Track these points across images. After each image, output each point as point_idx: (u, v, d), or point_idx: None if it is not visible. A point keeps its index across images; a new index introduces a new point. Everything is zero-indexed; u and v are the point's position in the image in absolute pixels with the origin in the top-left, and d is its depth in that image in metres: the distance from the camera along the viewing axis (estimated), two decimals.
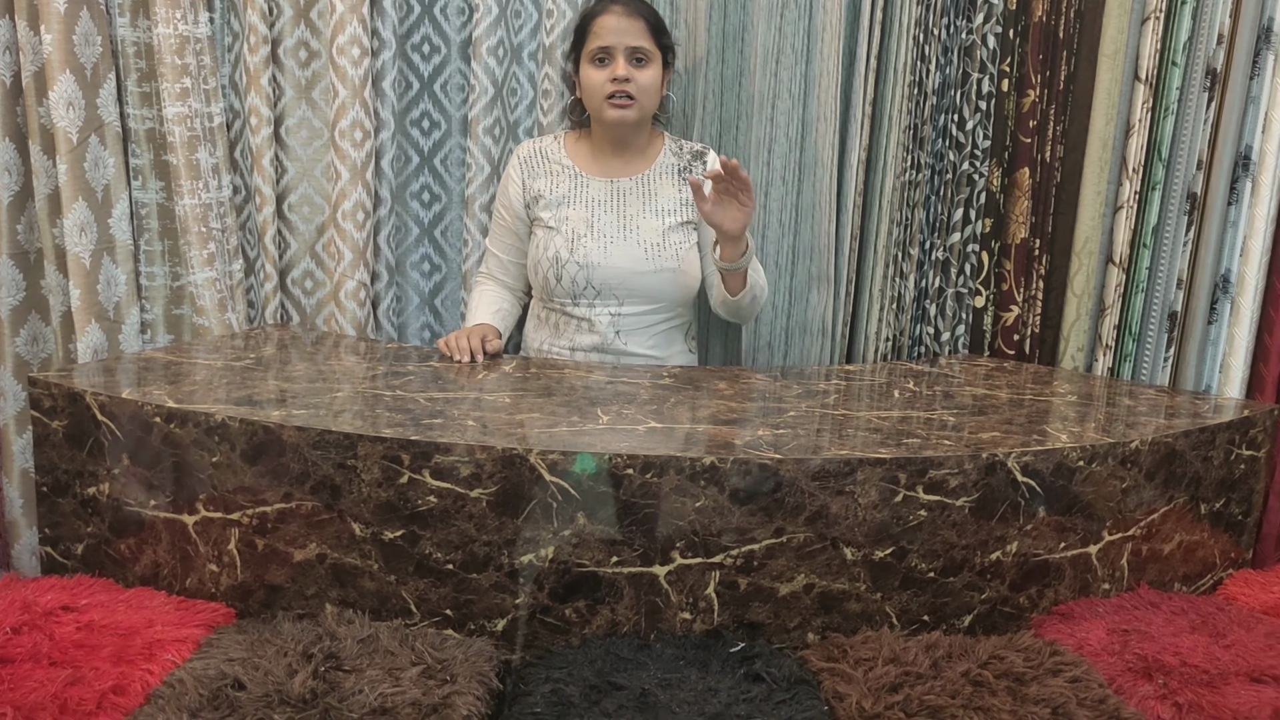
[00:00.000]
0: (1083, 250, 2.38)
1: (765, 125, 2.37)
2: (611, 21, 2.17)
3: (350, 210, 2.40)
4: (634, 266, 2.21)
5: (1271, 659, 1.68)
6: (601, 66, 2.18)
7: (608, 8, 2.18)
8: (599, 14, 2.19)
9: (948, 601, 1.73)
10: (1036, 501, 1.74)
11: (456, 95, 2.50)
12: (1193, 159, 2.30)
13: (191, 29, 2.26)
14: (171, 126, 2.25)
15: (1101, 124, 2.32)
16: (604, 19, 2.17)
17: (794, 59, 2.35)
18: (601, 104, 2.18)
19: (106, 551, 1.79)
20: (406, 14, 2.44)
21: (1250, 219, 2.30)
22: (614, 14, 2.17)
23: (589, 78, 2.20)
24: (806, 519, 1.64)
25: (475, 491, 1.60)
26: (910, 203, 2.38)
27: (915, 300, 2.45)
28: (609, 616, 1.65)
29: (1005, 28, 2.32)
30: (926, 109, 2.34)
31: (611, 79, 2.16)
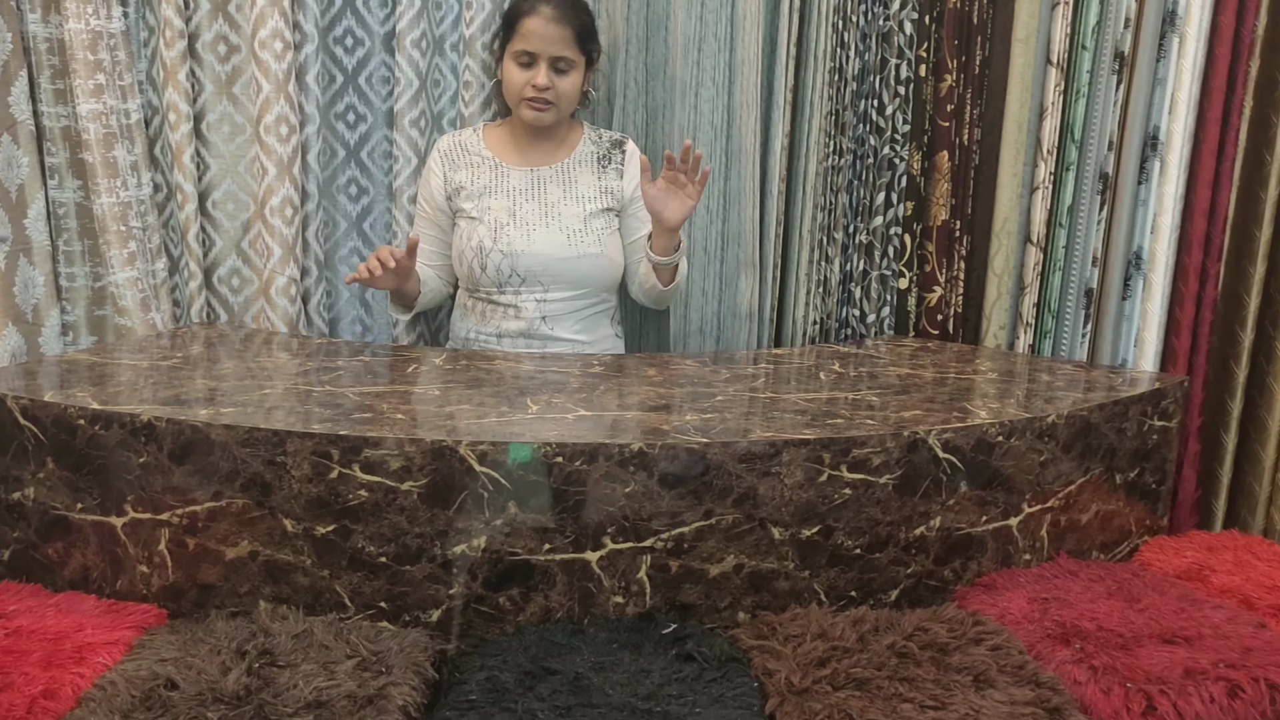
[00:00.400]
0: (1002, 231, 2.44)
1: (689, 113, 2.40)
2: (539, 26, 2.17)
3: (279, 206, 2.38)
4: (557, 253, 2.23)
5: (1182, 621, 1.76)
6: (524, 69, 2.19)
7: (538, 8, 2.18)
8: (528, 13, 2.18)
9: (874, 577, 1.78)
10: (958, 477, 1.79)
11: (381, 88, 2.49)
12: (1104, 140, 2.37)
13: (104, 24, 2.23)
14: (86, 124, 2.22)
15: (1016, 107, 2.38)
16: (533, 20, 2.17)
17: (717, 47, 2.37)
18: (520, 103, 2.20)
19: (33, 556, 1.77)
20: (328, 6, 2.42)
21: (1159, 197, 2.37)
22: (543, 17, 2.17)
23: (511, 75, 2.21)
24: (734, 501, 1.67)
25: (406, 484, 1.61)
26: (833, 188, 2.43)
27: (841, 283, 2.49)
28: (543, 603, 1.67)
29: (921, 14, 2.37)
30: (847, 95, 2.39)
31: (532, 84, 2.17)
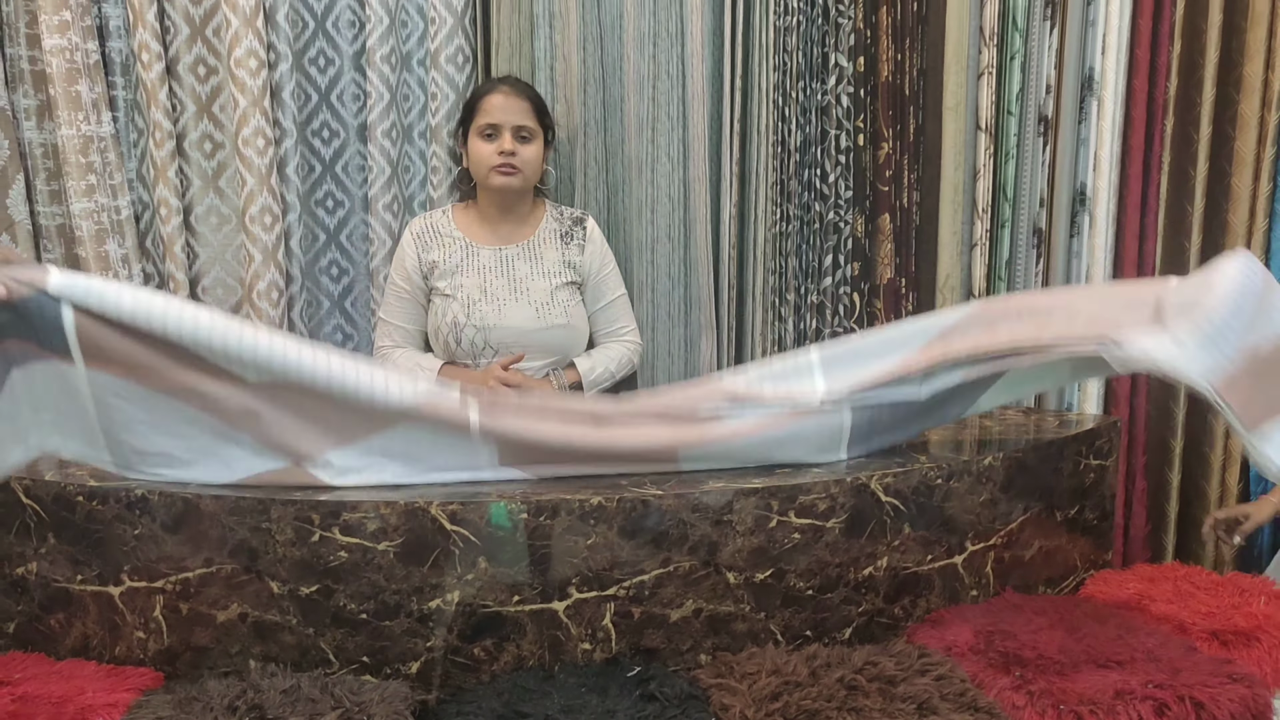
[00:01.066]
0: (945, 286, 2.59)
1: (647, 188, 2.57)
2: (500, 100, 2.37)
3: (265, 290, 2.53)
4: (526, 325, 2.38)
5: (1118, 647, 1.87)
6: (490, 140, 2.37)
7: (496, 88, 2.39)
8: (488, 93, 2.39)
9: (827, 616, 1.89)
10: (902, 519, 1.91)
11: (357, 175, 2.66)
12: (1035, 197, 2.54)
13: (95, 129, 2.40)
14: (79, 221, 2.38)
15: (951, 170, 2.55)
16: (493, 98, 2.38)
17: (669, 125, 2.55)
18: (489, 173, 2.37)
19: (37, 628, 1.88)
20: (305, 103, 2.60)
21: (1091, 249, 2.53)
22: (502, 94, 2.38)
23: (478, 150, 2.38)
24: (690, 548, 1.79)
25: (382, 545, 1.73)
26: (783, 252, 2.59)
27: (795, 342, 2.64)
28: (515, 652, 1.78)
29: (856, 87, 2.54)
30: (791, 165, 2.56)
31: (499, 152, 2.35)
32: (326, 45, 2.60)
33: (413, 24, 2.60)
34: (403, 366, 2.45)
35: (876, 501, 1.89)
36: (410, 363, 2.45)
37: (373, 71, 2.54)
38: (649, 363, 2.61)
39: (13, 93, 2.38)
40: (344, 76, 2.61)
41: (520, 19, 2.56)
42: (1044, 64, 2.49)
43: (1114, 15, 2.45)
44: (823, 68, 2.55)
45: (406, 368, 2.44)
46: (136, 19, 2.42)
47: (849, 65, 2.54)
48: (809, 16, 2.53)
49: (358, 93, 2.62)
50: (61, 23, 2.31)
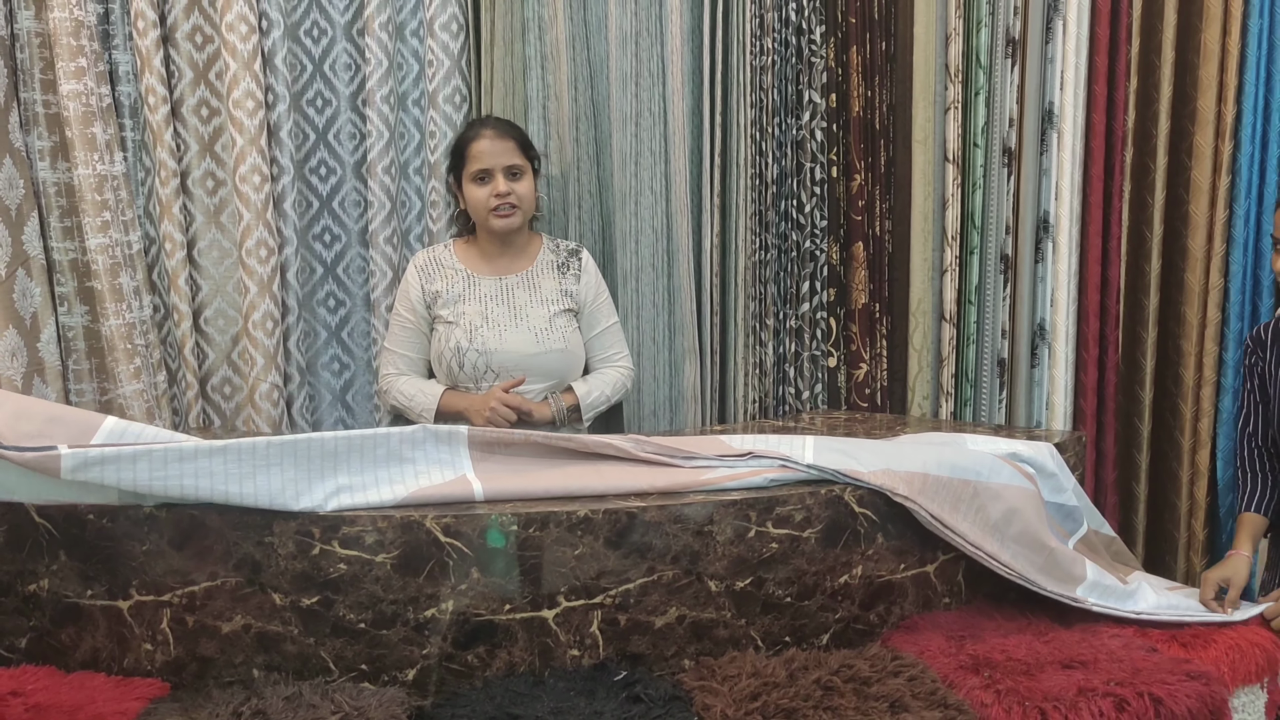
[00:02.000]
0: (917, 310, 2.71)
1: (631, 219, 2.69)
2: (486, 145, 2.48)
3: (260, 320, 2.64)
4: (526, 350, 2.49)
5: (1083, 649, 1.96)
6: (483, 184, 2.48)
7: (480, 133, 2.50)
8: (474, 139, 2.50)
9: (805, 623, 1.98)
10: (875, 529, 2.01)
11: (353, 210, 2.77)
12: (1001, 225, 2.66)
13: (109, 168, 2.51)
14: (95, 255, 2.48)
15: (921, 200, 2.67)
16: (479, 144, 2.48)
17: (653, 160, 2.68)
18: (487, 215, 2.48)
19: (49, 642, 1.95)
20: (303, 141, 2.72)
21: (1055, 274, 2.64)
22: (487, 138, 2.48)
23: (473, 195, 2.49)
24: (673, 558, 1.88)
25: (380, 557, 1.81)
26: (762, 279, 2.70)
27: (775, 365, 2.75)
28: (506, 659, 1.86)
29: (829, 122, 2.67)
30: (769, 197, 2.68)
31: (494, 194, 2.46)
32: (324, 87, 2.73)
33: (408, 66, 2.73)
34: (407, 392, 2.55)
35: (850, 513, 1.98)
36: (414, 389, 2.55)
37: (372, 111, 2.67)
38: (635, 386, 2.72)
39: (28, 135, 2.50)
40: (341, 116, 2.73)
41: (513, 60, 2.70)
42: (1006, 99, 2.62)
43: (1070, 53, 2.58)
44: (797, 104, 2.67)
45: (410, 393, 2.54)
46: (144, 64, 2.54)
47: (822, 102, 2.67)
48: (784, 56, 2.66)
49: (354, 131, 2.74)
50: (77, 69, 2.43)
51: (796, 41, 2.66)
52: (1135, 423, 2.72)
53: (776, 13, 2.64)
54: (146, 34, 2.53)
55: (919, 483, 2.01)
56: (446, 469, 1.92)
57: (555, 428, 2.54)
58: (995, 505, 2.05)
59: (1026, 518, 2.07)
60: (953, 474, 2.04)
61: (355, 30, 2.71)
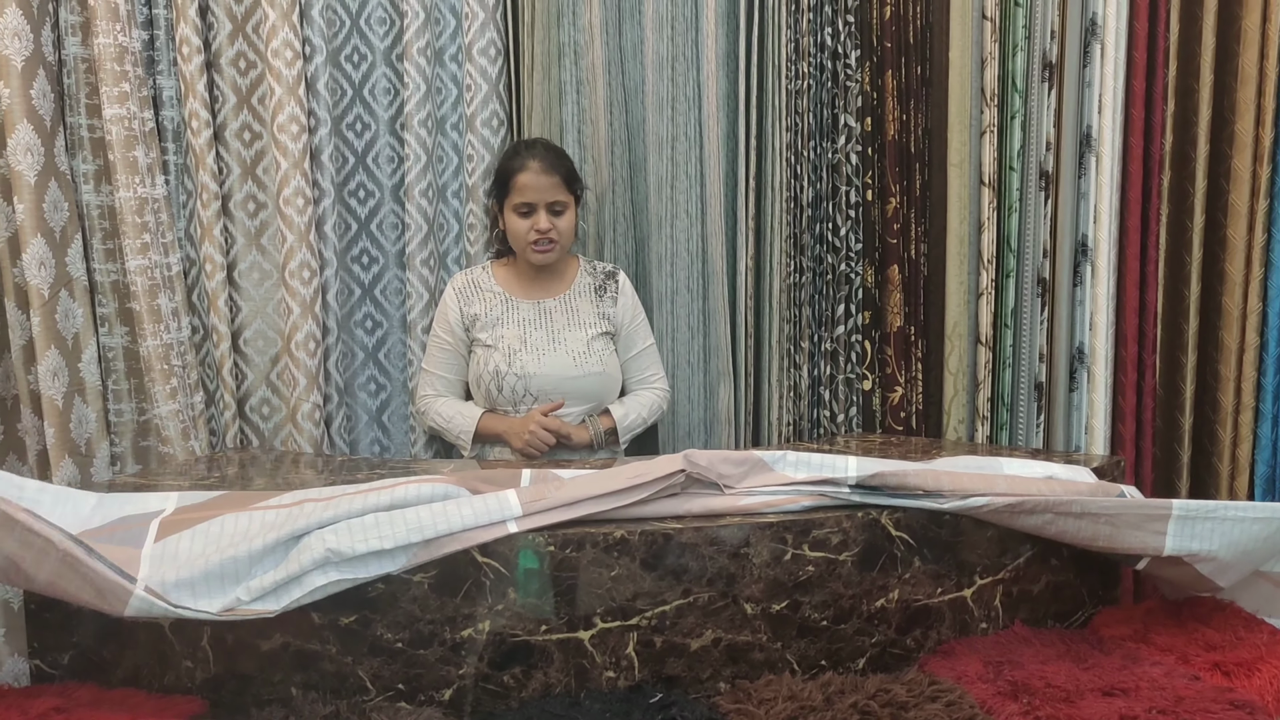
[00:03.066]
0: (953, 333, 2.70)
1: (666, 242, 2.70)
2: (531, 179, 2.49)
3: (302, 340, 2.67)
4: (564, 373, 2.51)
5: (1123, 676, 1.93)
6: (525, 217, 2.50)
7: (527, 164, 2.50)
8: (520, 170, 2.50)
9: (842, 647, 1.97)
10: (911, 552, 2.00)
11: (391, 233, 2.80)
12: (1038, 248, 2.65)
13: (150, 191, 2.55)
14: (134, 277, 2.52)
15: (956, 223, 2.67)
16: (525, 176, 2.49)
17: (688, 184, 2.69)
18: (526, 248, 2.51)
19: (90, 659, 1.97)
20: (343, 165, 2.75)
21: (1093, 298, 2.63)
22: (533, 171, 2.49)
23: (515, 225, 2.51)
24: (709, 580, 1.88)
25: (418, 576, 1.83)
26: (797, 302, 2.71)
27: (810, 387, 2.75)
28: (543, 680, 1.87)
29: (864, 146, 2.68)
30: (804, 220, 2.69)
31: (535, 229, 2.48)
32: (363, 111, 2.76)
33: (446, 91, 2.77)
34: (445, 414, 2.57)
35: (887, 536, 1.98)
36: (452, 410, 2.56)
37: (410, 135, 2.70)
38: (670, 408, 2.73)
39: (73, 158, 2.55)
40: (380, 140, 2.77)
41: (550, 85, 2.72)
42: (1043, 123, 2.62)
43: (1109, 77, 2.58)
44: (833, 128, 2.68)
45: (448, 415, 2.56)
46: (188, 89, 2.59)
47: (857, 125, 2.68)
48: (819, 80, 2.67)
49: (392, 155, 2.77)
50: (121, 94, 2.48)
51: (832, 66, 2.67)
52: (1175, 448, 2.69)
53: (812, 37, 2.66)
54: (191, 59, 2.58)
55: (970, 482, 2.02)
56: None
57: (593, 451, 2.55)
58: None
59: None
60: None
61: (395, 55, 2.75)
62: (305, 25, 2.64)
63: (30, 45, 2.40)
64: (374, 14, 2.75)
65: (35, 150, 2.41)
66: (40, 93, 2.43)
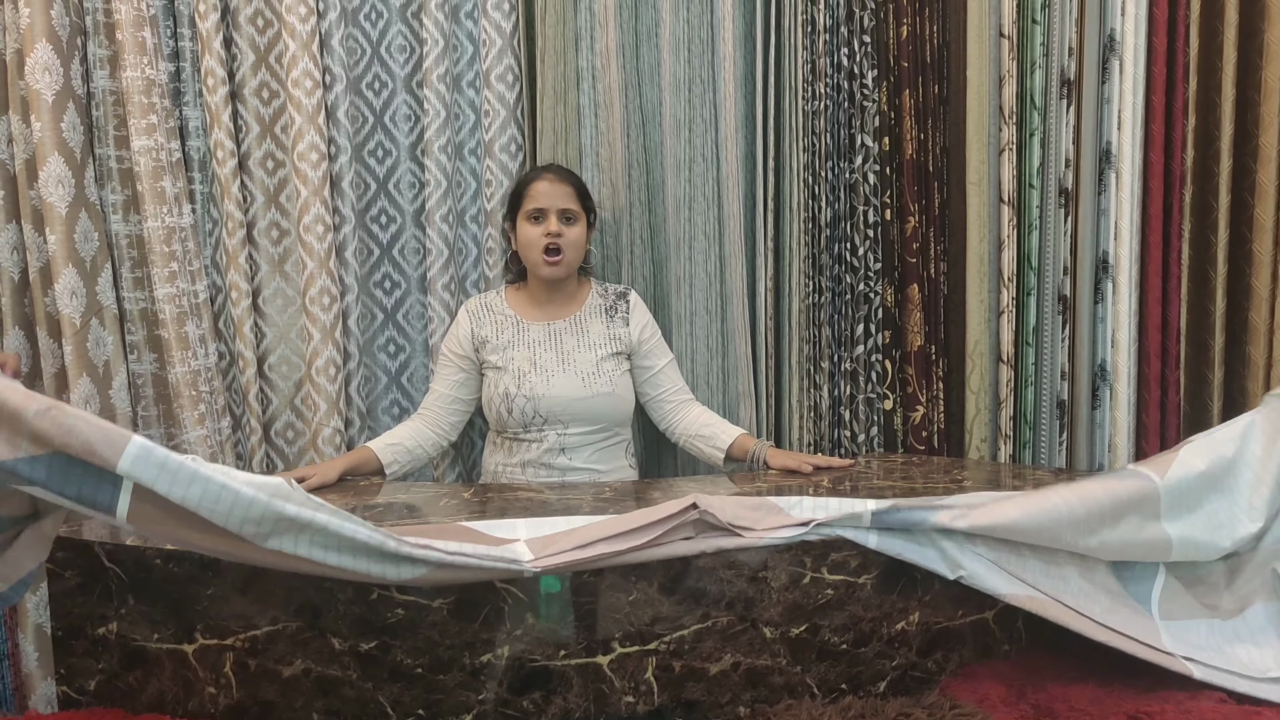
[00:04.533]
0: (974, 352, 2.68)
1: (685, 263, 2.71)
2: (545, 186, 2.55)
3: (323, 366, 2.70)
4: (574, 394, 2.52)
5: (1150, 699, 1.91)
6: (536, 224, 2.54)
7: (541, 175, 2.58)
8: (534, 180, 2.57)
9: (862, 670, 1.96)
10: (932, 574, 1.98)
11: (413, 258, 2.83)
12: (1059, 266, 2.63)
13: (177, 220, 2.60)
14: (162, 305, 2.57)
15: (976, 241, 2.66)
16: (538, 184, 2.55)
17: (706, 205, 2.70)
18: (538, 258, 2.53)
19: (117, 685, 2.00)
20: (364, 191, 2.79)
21: (1115, 315, 2.60)
22: (547, 180, 2.56)
23: (526, 233, 2.55)
24: (728, 604, 1.88)
25: (436, 602, 1.84)
26: (816, 322, 2.71)
27: (831, 407, 2.74)
28: (562, 705, 1.87)
29: (882, 166, 2.68)
30: (822, 240, 2.69)
31: (545, 234, 2.51)
32: (384, 138, 2.80)
33: (464, 116, 2.80)
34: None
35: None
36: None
37: (430, 161, 2.73)
38: None
39: (102, 189, 2.60)
40: (400, 166, 2.80)
41: (566, 110, 2.74)
42: (1062, 140, 2.61)
43: (1128, 93, 2.56)
44: (850, 148, 2.69)
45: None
46: (213, 120, 2.63)
47: (875, 145, 2.68)
48: (836, 100, 2.68)
49: (413, 181, 2.80)
50: (149, 125, 2.53)
51: (849, 86, 2.67)
52: None
53: (828, 58, 2.66)
54: (216, 90, 2.63)
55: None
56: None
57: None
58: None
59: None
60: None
61: (415, 82, 2.78)
62: (325, 55, 2.68)
63: (60, 79, 2.45)
64: (394, 42, 2.78)
65: (66, 182, 2.46)
66: (70, 125, 2.48)
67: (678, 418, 2.64)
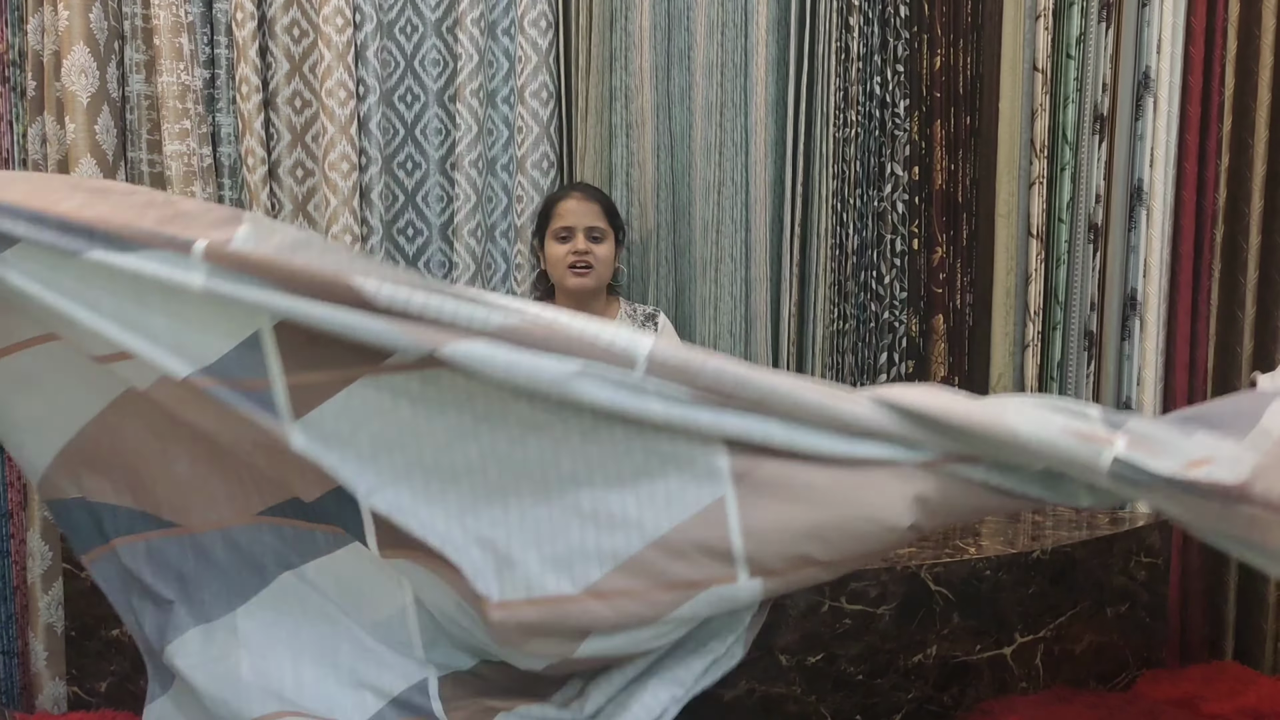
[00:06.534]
0: (998, 385, 2.67)
1: (710, 286, 2.71)
2: (572, 205, 2.55)
3: None
4: None
5: None
6: (564, 242, 2.54)
7: (569, 194, 2.59)
8: (561, 199, 2.58)
9: (878, 701, 1.94)
10: (950, 607, 1.97)
11: (439, 271, 2.83)
12: (1085, 301, 2.62)
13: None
14: None
15: (1003, 274, 2.65)
16: (566, 203, 2.56)
17: (733, 228, 2.71)
18: (564, 273, 2.54)
19: (128, 687, 2.00)
20: (392, 203, 2.79)
21: (1142, 352, 2.60)
22: (574, 199, 2.57)
23: (553, 251, 2.55)
24: None
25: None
26: (840, 350, 2.70)
27: None
28: None
29: (911, 195, 2.67)
30: (848, 267, 2.68)
31: (573, 252, 2.52)
32: (414, 150, 2.81)
33: (498, 132, 2.80)
34: None
35: (926, 590, 1.95)
36: None
37: (460, 175, 2.74)
38: None
39: None
40: (430, 179, 2.81)
41: (603, 128, 2.75)
42: (1093, 175, 2.60)
43: (1161, 131, 2.56)
44: (879, 176, 2.68)
45: None
46: (245, 127, 2.65)
47: (904, 174, 2.67)
48: (867, 129, 2.68)
49: (442, 194, 2.81)
50: (181, 130, 2.54)
51: (880, 115, 2.67)
52: None
53: (861, 86, 2.66)
54: (249, 98, 2.64)
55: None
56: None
57: None
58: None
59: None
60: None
61: (447, 96, 2.79)
62: (360, 66, 2.69)
63: (96, 82, 2.47)
64: (428, 56, 2.80)
65: None
66: (104, 128, 2.50)
67: None
